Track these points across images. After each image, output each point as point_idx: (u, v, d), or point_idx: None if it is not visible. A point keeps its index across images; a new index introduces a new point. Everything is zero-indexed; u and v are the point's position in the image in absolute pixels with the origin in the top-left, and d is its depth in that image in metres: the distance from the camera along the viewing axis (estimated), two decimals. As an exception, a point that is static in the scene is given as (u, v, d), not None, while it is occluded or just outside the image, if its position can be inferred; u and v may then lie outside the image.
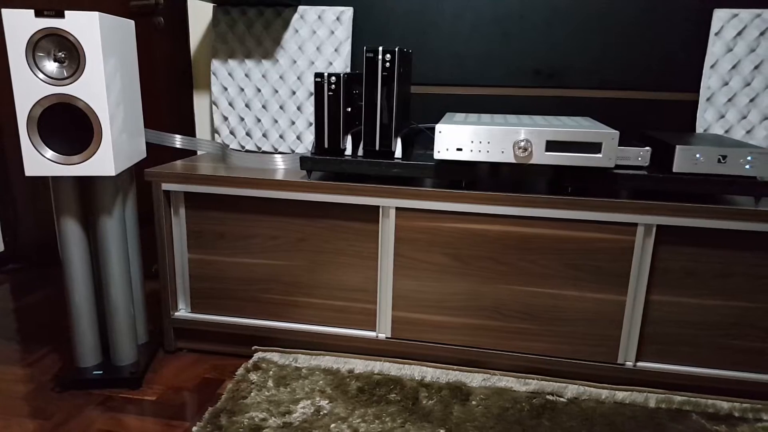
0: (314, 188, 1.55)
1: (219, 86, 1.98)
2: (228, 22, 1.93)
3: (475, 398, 1.48)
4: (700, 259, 1.45)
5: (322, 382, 1.54)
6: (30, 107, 1.34)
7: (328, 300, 1.66)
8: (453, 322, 1.60)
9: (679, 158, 1.40)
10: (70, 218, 1.46)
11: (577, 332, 1.54)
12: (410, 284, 1.59)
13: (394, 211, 1.54)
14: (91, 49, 1.32)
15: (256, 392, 1.49)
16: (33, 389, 1.55)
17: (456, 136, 1.43)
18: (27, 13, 1.29)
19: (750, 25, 1.67)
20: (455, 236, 1.53)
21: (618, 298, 1.49)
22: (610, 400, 1.49)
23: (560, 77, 1.83)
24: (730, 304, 1.46)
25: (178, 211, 1.66)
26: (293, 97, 1.94)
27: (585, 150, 1.38)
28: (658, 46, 1.76)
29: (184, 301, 1.74)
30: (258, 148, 2.01)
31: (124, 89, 1.47)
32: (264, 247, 1.65)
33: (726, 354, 1.50)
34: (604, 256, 1.47)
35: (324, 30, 1.89)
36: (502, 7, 1.81)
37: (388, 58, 1.47)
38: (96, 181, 1.47)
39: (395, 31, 1.90)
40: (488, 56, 1.86)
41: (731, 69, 1.71)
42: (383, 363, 1.63)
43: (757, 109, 1.71)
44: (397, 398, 1.48)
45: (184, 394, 1.53)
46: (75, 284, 1.50)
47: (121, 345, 1.58)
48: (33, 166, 1.37)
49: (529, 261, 1.51)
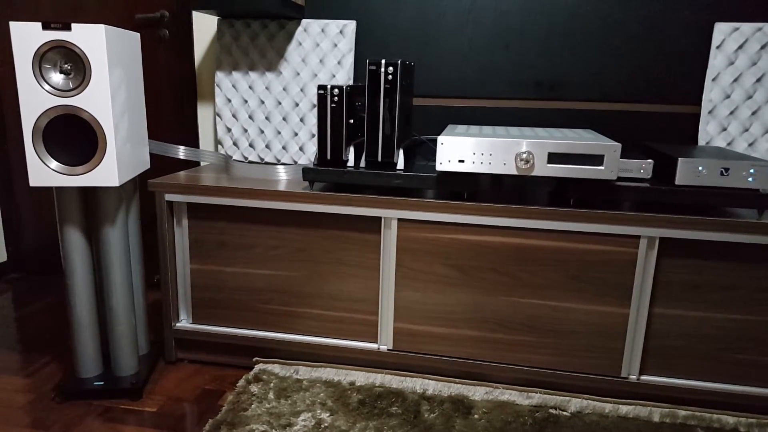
0: (316, 199, 1.55)
1: (223, 97, 1.99)
2: (232, 34, 1.95)
3: (477, 412, 1.47)
4: (703, 271, 1.44)
5: (323, 395, 1.53)
6: (36, 118, 1.35)
7: (330, 311, 1.65)
8: (455, 334, 1.59)
9: (681, 171, 1.40)
10: (73, 228, 1.47)
11: (579, 345, 1.53)
12: (412, 295, 1.59)
13: (396, 222, 1.54)
14: (96, 61, 1.33)
15: (256, 404, 1.48)
16: (33, 399, 1.54)
17: (458, 148, 1.43)
18: (34, 25, 1.31)
19: (751, 39, 1.68)
20: (457, 247, 1.53)
21: (621, 311, 1.49)
22: (614, 414, 1.48)
23: (561, 89, 1.84)
24: (734, 317, 1.45)
25: (181, 221, 1.67)
26: (296, 109, 1.96)
27: (587, 162, 1.38)
28: (660, 59, 1.77)
29: (186, 311, 1.73)
30: (261, 159, 2.01)
31: (129, 100, 1.48)
32: (265, 258, 1.65)
33: (730, 367, 1.49)
34: (606, 269, 1.47)
35: (327, 43, 1.90)
36: (503, 20, 1.83)
37: (390, 70, 1.48)
38: (100, 192, 1.47)
39: (397, 43, 1.91)
40: (489, 68, 1.87)
41: (733, 82, 1.71)
42: (385, 375, 1.62)
43: (760, 121, 1.71)
44: (399, 411, 1.47)
45: (184, 406, 1.53)
46: (77, 294, 1.51)
47: (122, 355, 1.58)
48: (38, 176, 1.38)
49: (532, 273, 1.51)
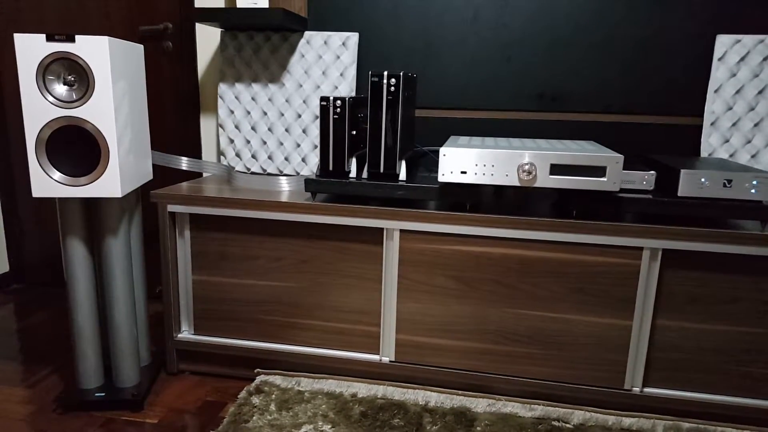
0: (319, 210, 1.55)
1: (226, 109, 2.00)
2: (235, 46, 1.96)
3: (479, 424, 1.46)
4: (706, 283, 1.44)
5: (325, 406, 1.52)
6: (39, 129, 1.35)
7: (332, 322, 1.65)
8: (457, 346, 1.58)
9: (684, 182, 1.40)
10: (75, 239, 1.47)
11: (582, 357, 1.52)
12: (414, 307, 1.58)
13: (398, 233, 1.54)
14: (100, 72, 1.34)
15: (258, 416, 1.47)
16: (34, 410, 1.53)
17: (460, 159, 1.43)
18: (38, 37, 1.32)
19: (753, 51, 1.69)
20: (459, 259, 1.53)
21: (624, 323, 1.48)
22: (617, 426, 1.46)
23: (564, 101, 1.85)
24: (737, 330, 1.45)
25: (183, 232, 1.67)
26: (299, 120, 1.96)
27: (589, 174, 1.38)
28: (662, 71, 1.77)
29: (188, 322, 1.73)
30: (263, 170, 2.02)
31: (132, 112, 1.49)
32: (267, 269, 1.65)
33: (734, 380, 1.48)
34: (609, 280, 1.47)
35: (330, 55, 1.91)
36: (505, 32, 1.84)
37: (392, 82, 1.49)
38: (102, 203, 1.48)
39: (400, 56, 1.92)
40: (492, 80, 1.88)
41: (735, 94, 1.72)
42: (387, 387, 1.61)
43: (762, 133, 1.71)
44: (401, 423, 1.46)
45: (185, 417, 1.52)
46: (78, 305, 1.50)
47: (124, 367, 1.57)
48: (41, 187, 1.38)
49: (534, 284, 1.51)
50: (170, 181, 2.14)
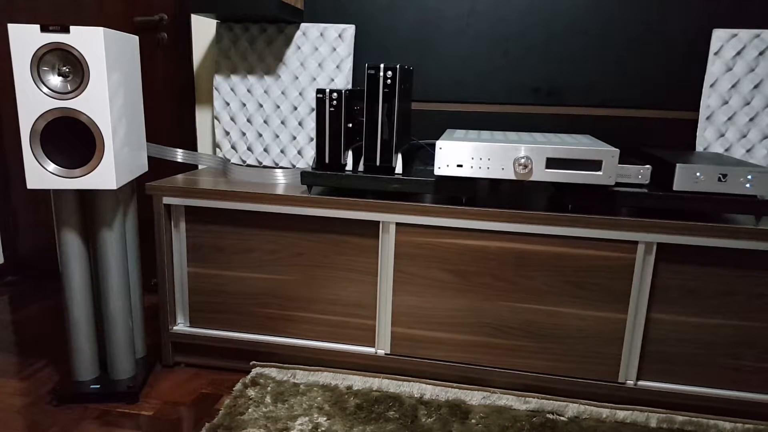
0: (315, 203, 1.55)
1: (221, 101, 1.99)
2: (231, 38, 1.95)
3: (474, 416, 1.47)
4: (700, 277, 1.44)
5: (320, 399, 1.53)
6: (33, 120, 1.34)
7: (327, 315, 1.65)
8: (452, 339, 1.59)
9: (679, 176, 1.40)
10: (70, 231, 1.47)
11: (577, 350, 1.53)
12: (410, 300, 1.59)
13: (394, 226, 1.54)
14: (95, 63, 1.33)
15: (253, 408, 1.48)
16: (29, 402, 1.53)
17: (456, 153, 1.43)
18: (33, 28, 1.31)
19: (749, 45, 1.69)
20: (455, 252, 1.53)
21: (618, 316, 1.49)
22: (611, 419, 1.47)
23: (560, 95, 1.85)
24: (731, 323, 1.45)
25: (179, 224, 1.67)
26: (294, 113, 1.96)
27: (585, 167, 1.39)
28: (658, 65, 1.77)
29: (183, 315, 1.73)
30: (259, 163, 2.01)
31: (127, 103, 1.48)
32: (263, 261, 1.64)
33: (728, 373, 1.49)
34: (604, 274, 1.47)
35: (326, 47, 1.90)
36: (502, 26, 1.83)
37: (389, 75, 1.48)
38: (97, 195, 1.47)
39: (396, 48, 1.91)
40: (488, 74, 1.87)
41: (731, 88, 1.72)
42: (382, 380, 1.62)
43: (757, 128, 1.72)
44: (396, 416, 1.46)
45: (181, 410, 1.52)
46: (74, 297, 1.50)
47: (119, 359, 1.58)
48: (35, 179, 1.37)
49: (529, 278, 1.51)
50: (165, 173, 2.13)
